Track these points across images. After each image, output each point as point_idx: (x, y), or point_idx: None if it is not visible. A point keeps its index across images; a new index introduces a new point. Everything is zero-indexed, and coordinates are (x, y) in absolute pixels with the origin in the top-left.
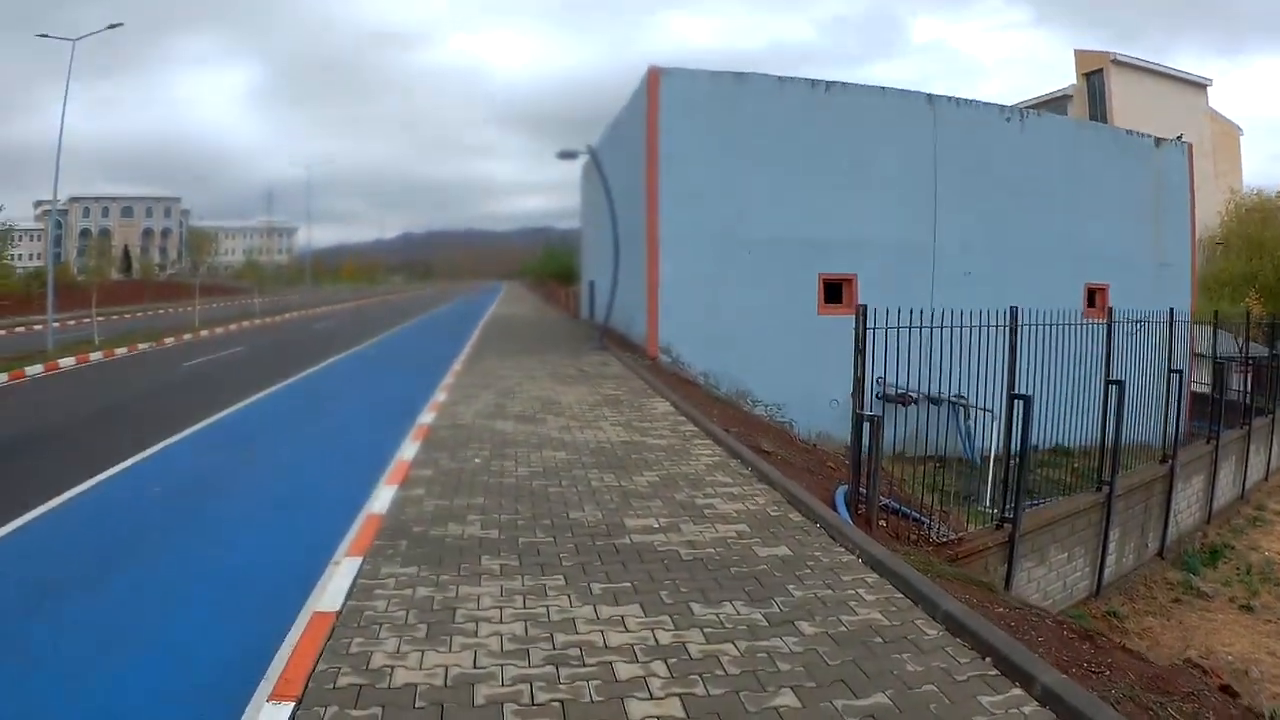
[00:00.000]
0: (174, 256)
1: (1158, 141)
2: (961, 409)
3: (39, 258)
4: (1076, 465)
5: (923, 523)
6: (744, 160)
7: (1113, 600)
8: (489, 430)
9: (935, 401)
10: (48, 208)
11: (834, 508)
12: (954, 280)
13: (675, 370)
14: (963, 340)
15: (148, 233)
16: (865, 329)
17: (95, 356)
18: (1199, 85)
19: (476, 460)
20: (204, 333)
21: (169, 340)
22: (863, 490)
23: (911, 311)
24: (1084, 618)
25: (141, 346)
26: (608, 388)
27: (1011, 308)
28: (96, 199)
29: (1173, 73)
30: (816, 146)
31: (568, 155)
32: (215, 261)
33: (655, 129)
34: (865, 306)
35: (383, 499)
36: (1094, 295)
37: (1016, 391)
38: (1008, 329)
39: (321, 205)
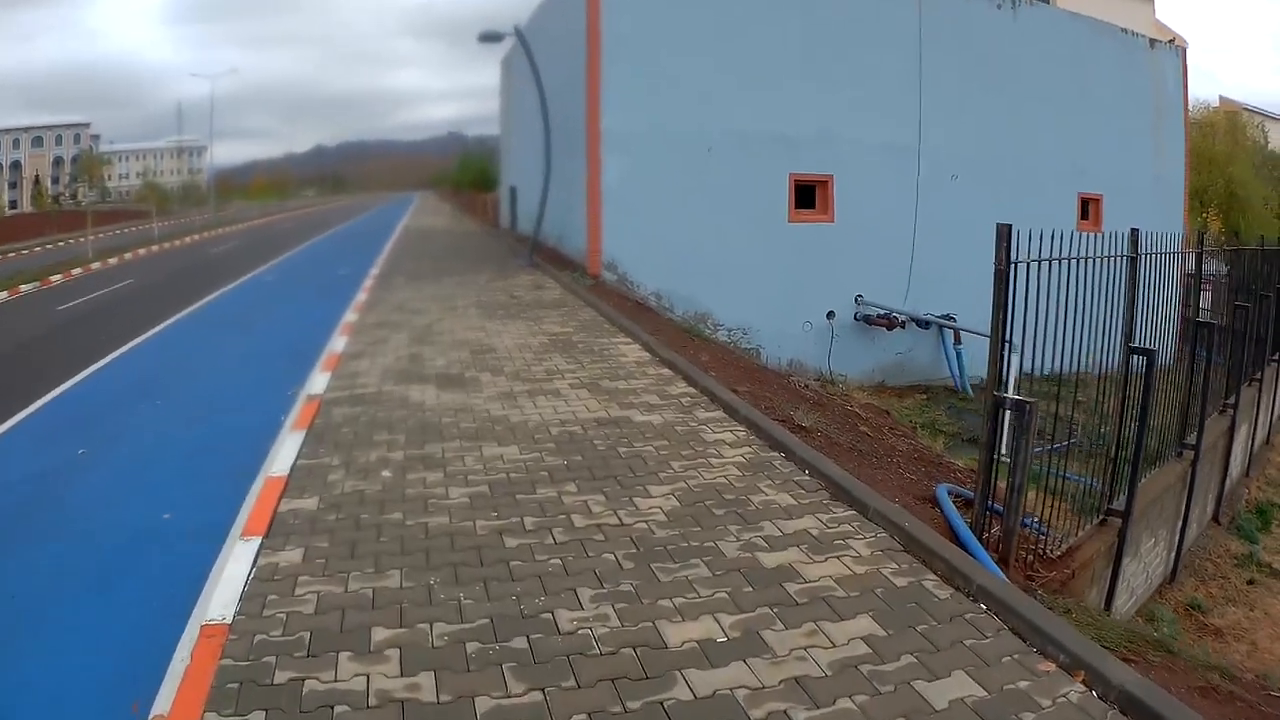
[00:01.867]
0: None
1: (1151, 43)
2: (950, 332)
3: None
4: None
5: (1034, 529)
6: (704, 45)
7: (1186, 585)
8: (401, 404)
9: (922, 324)
10: None
11: (956, 539)
12: (940, 185)
13: (623, 291)
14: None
15: (58, 161)
16: (1009, 261)
17: None
18: None
19: (385, 474)
20: (95, 265)
21: (55, 278)
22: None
23: (1034, 235)
24: (1173, 621)
25: (25, 289)
26: (552, 321)
27: (1132, 230)
28: (6, 130)
29: None
30: (789, 32)
31: (490, 38)
32: (118, 186)
33: (598, 3)
34: (1011, 228)
35: (223, 594)
36: (1087, 206)
37: (1134, 343)
38: (1125, 259)
39: (233, 123)
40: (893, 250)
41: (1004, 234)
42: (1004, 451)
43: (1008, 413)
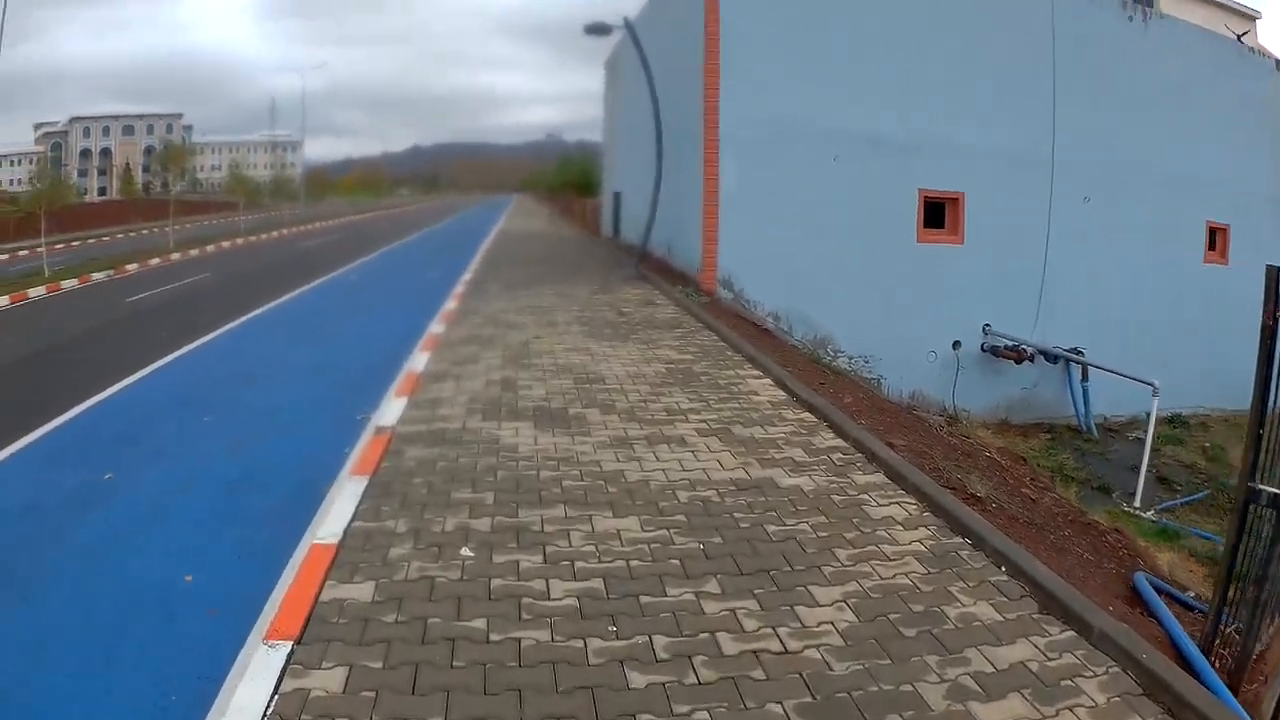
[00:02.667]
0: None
1: (1278, 64)
2: (1078, 367)
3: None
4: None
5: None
6: (828, 42)
7: None
8: (490, 447)
9: (1051, 358)
10: (48, 129)
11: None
12: (1072, 206)
13: (740, 310)
14: None
15: (149, 150)
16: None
17: (37, 293)
18: (1248, 16)
19: (466, 552)
20: (175, 256)
21: (131, 267)
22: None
23: None
24: None
25: (97, 277)
26: (668, 345)
27: None
28: (97, 118)
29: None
30: (918, 31)
31: (597, 30)
32: (208, 177)
33: None
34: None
35: None
36: (1215, 236)
37: None
38: None
39: (327, 120)
40: (1021, 276)
41: (1275, 278)
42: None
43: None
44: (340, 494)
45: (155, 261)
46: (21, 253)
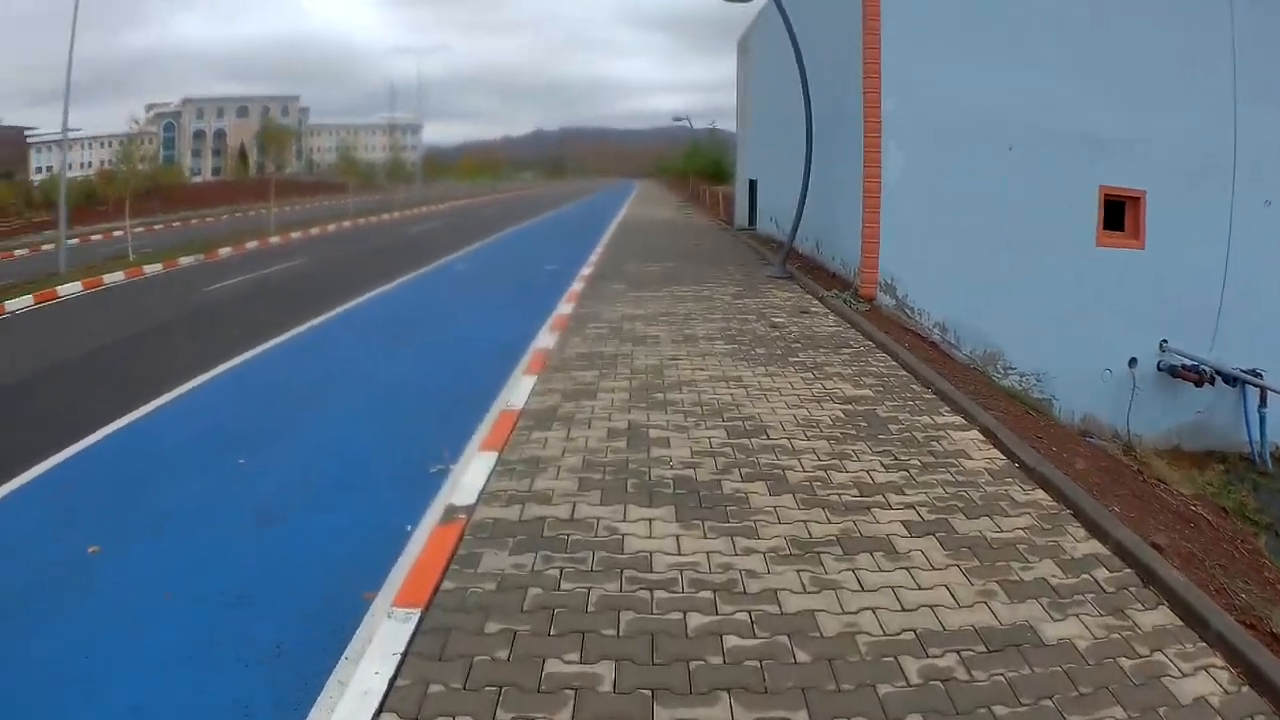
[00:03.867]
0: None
1: None
2: (1255, 391)
3: (150, 160)
4: None
5: None
6: (1001, 21)
7: None
8: (609, 557)
9: (1230, 380)
10: (160, 110)
11: None
12: (1254, 210)
13: (903, 320)
14: None
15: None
16: None
17: (113, 278)
18: None
19: None
20: (274, 239)
21: (224, 251)
22: None
23: None
24: None
25: (185, 261)
26: (838, 372)
27: None
28: (210, 100)
29: None
30: (1096, 10)
31: None
32: (325, 160)
33: None
34: None
35: None
36: None
37: None
38: None
39: (450, 104)
40: (1201, 287)
41: None
42: None
43: None
44: (372, 645)
45: (251, 245)
46: (116, 233)
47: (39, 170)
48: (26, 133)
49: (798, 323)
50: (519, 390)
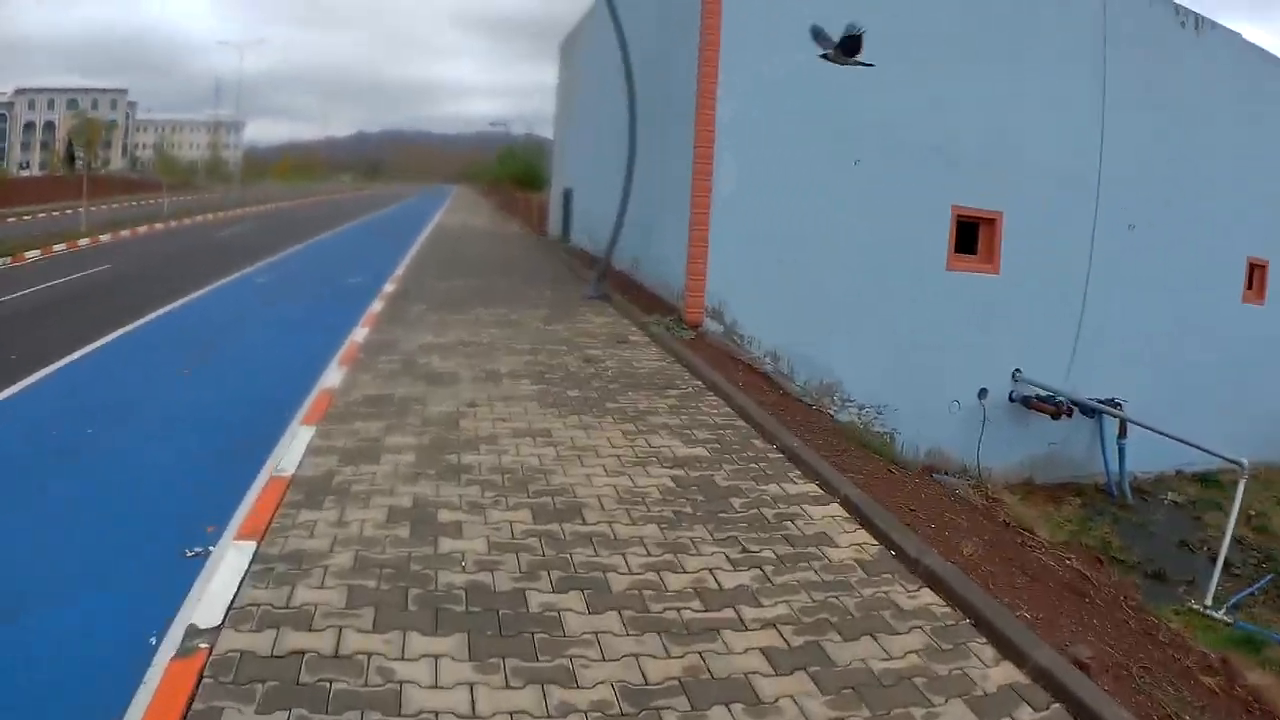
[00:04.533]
0: (117, 150)
1: None
2: (1114, 422)
3: None
4: None
5: None
6: (849, 17)
7: None
8: (382, 707)
9: (1088, 411)
10: None
11: None
12: (1116, 234)
13: (731, 349)
14: None
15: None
16: None
17: None
18: None
19: None
20: (83, 242)
21: (30, 254)
22: None
23: None
24: None
25: None
26: (665, 421)
27: None
28: (42, 90)
29: None
30: (953, 12)
31: None
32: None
33: None
34: None
35: None
36: (1254, 273)
37: None
38: None
39: (273, 101)
40: (1057, 314)
41: None
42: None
43: None
44: None
45: (60, 248)
46: None
47: None
48: None
49: (615, 355)
50: (294, 448)
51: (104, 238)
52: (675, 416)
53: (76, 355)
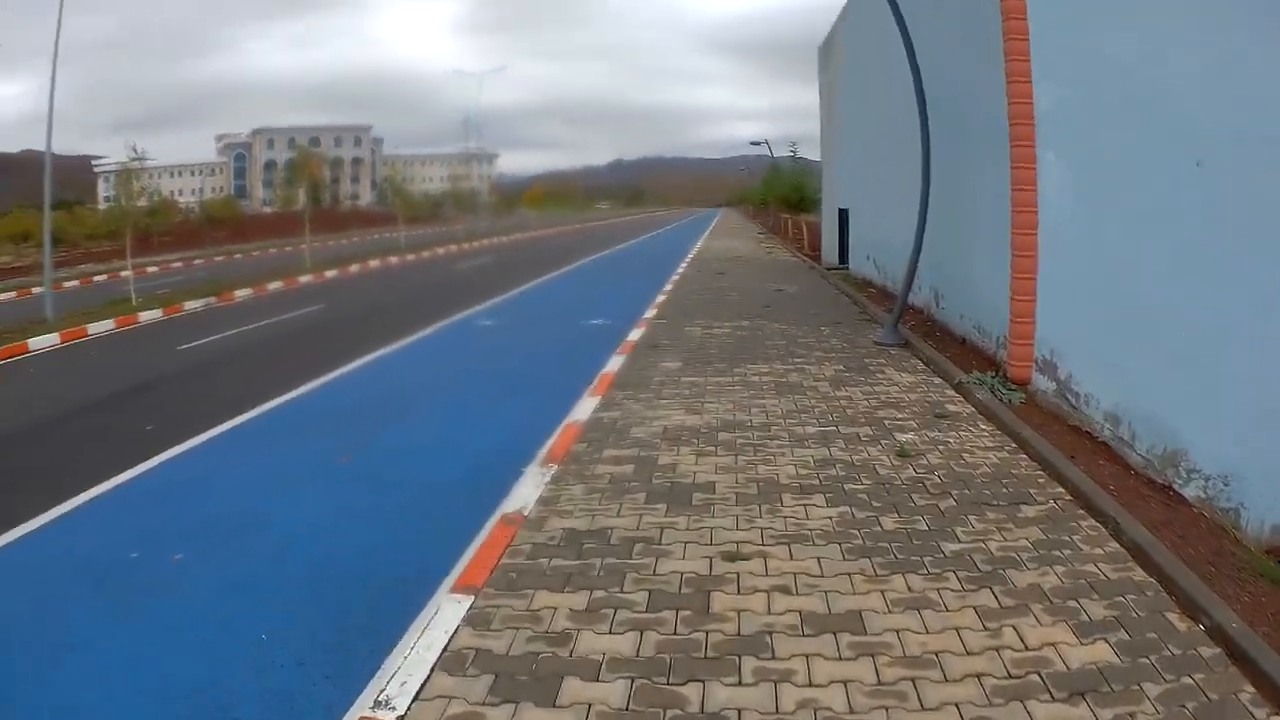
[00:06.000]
0: (365, 186)
1: None
2: None
3: (219, 191)
4: None
5: None
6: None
7: None
8: None
9: None
10: (230, 140)
11: None
12: None
13: (1065, 414)
14: None
15: (336, 162)
16: None
17: (101, 328)
18: None
19: None
20: (304, 279)
21: (241, 293)
22: None
23: None
24: None
25: (191, 306)
26: (1034, 583)
27: None
28: (280, 130)
29: None
30: None
31: None
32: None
33: None
34: None
35: None
36: None
37: None
38: None
39: (526, 133)
40: None
41: None
42: None
43: None
44: None
45: (275, 285)
46: (151, 269)
47: (107, 199)
48: (93, 162)
49: (937, 441)
50: (419, 651)
51: (328, 274)
52: (1047, 570)
53: (213, 432)
